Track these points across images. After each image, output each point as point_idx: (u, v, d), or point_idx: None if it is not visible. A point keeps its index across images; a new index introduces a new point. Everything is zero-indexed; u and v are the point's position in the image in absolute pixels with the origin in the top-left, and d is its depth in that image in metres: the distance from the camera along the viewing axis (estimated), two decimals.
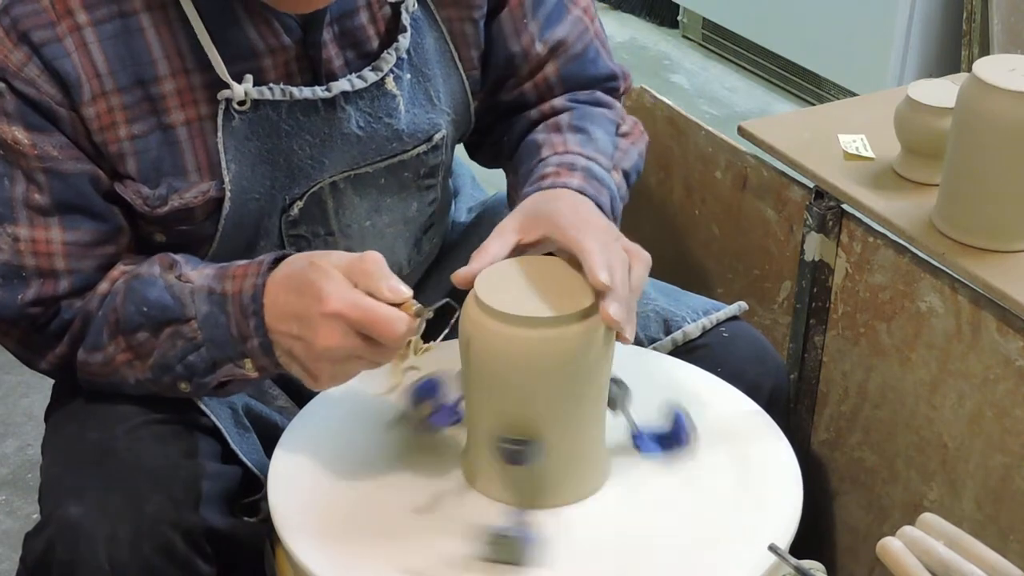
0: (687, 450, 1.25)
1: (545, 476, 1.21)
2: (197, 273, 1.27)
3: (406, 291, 1.16)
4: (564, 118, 1.45)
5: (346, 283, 1.16)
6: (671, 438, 1.25)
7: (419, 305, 1.17)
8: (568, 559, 1.18)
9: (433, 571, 1.17)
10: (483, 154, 1.58)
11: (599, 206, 1.32)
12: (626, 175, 1.44)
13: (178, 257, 1.29)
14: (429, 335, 1.27)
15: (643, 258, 1.25)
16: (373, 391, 1.35)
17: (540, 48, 1.47)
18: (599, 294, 1.16)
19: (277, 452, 1.30)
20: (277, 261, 1.23)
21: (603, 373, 1.21)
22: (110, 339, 1.29)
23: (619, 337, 1.18)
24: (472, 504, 1.23)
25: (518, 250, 1.25)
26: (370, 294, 1.15)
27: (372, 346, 1.16)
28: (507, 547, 1.15)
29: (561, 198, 1.29)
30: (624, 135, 1.48)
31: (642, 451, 1.26)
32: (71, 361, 1.33)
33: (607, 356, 1.20)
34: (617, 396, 1.26)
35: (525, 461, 1.18)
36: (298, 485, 1.26)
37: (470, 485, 1.25)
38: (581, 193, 1.32)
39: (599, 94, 1.50)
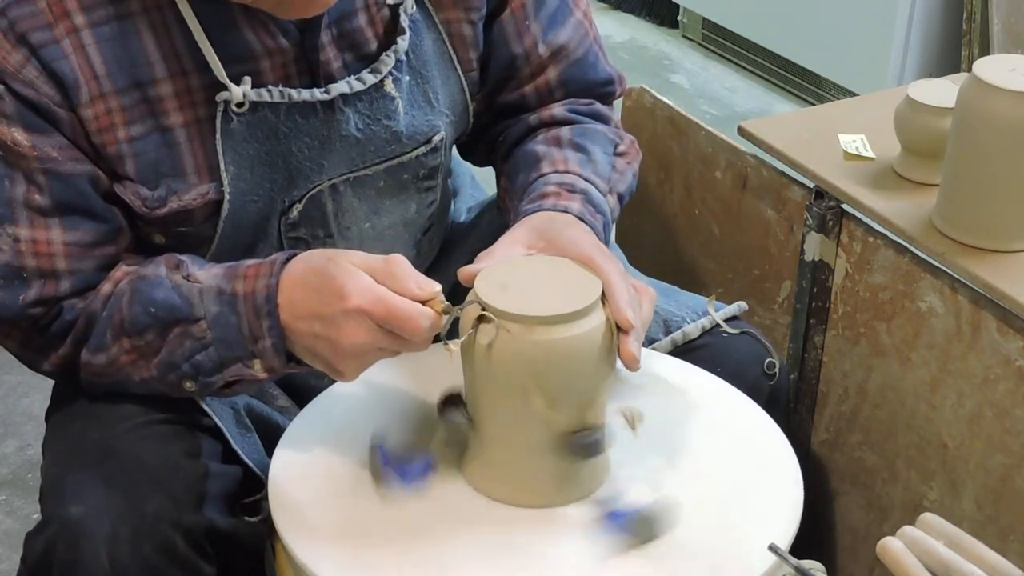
0: (648, 542, 1.19)
1: (595, 465, 1.23)
2: (205, 273, 1.27)
3: (435, 287, 1.17)
4: (565, 132, 1.45)
5: (368, 279, 1.17)
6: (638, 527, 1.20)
7: (447, 303, 1.17)
8: (568, 559, 1.18)
9: (432, 570, 1.17)
10: (477, 153, 1.59)
11: (595, 233, 1.33)
12: (620, 198, 1.45)
13: (183, 257, 1.30)
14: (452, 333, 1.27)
15: (651, 296, 1.27)
16: (375, 390, 1.35)
17: (543, 50, 1.47)
18: (621, 330, 1.18)
19: (278, 452, 1.30)
20: (289, 259, 1.24)
21: (613, 364, 1.22)
22: (114, 340, 1.29)
23: (629, 366, 1.20)
24: (472, 503, 1.24)
25: None
26: (398, 292, 1.16)
27: (397, 340, 1.17)
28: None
29: (573, 225, 1.30)
30: (621, 154, 1.48)
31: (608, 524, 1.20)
32: (74, 362, 1.33)
33: (613, 348, 1.21)
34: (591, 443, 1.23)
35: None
36: (299, 485, 1.26)
37: (487, 495, 1.24)
38: (580, 219, 1.33)
39: (598, 106, 1.51)
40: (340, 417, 1.33)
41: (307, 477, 1.27)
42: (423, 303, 1.16)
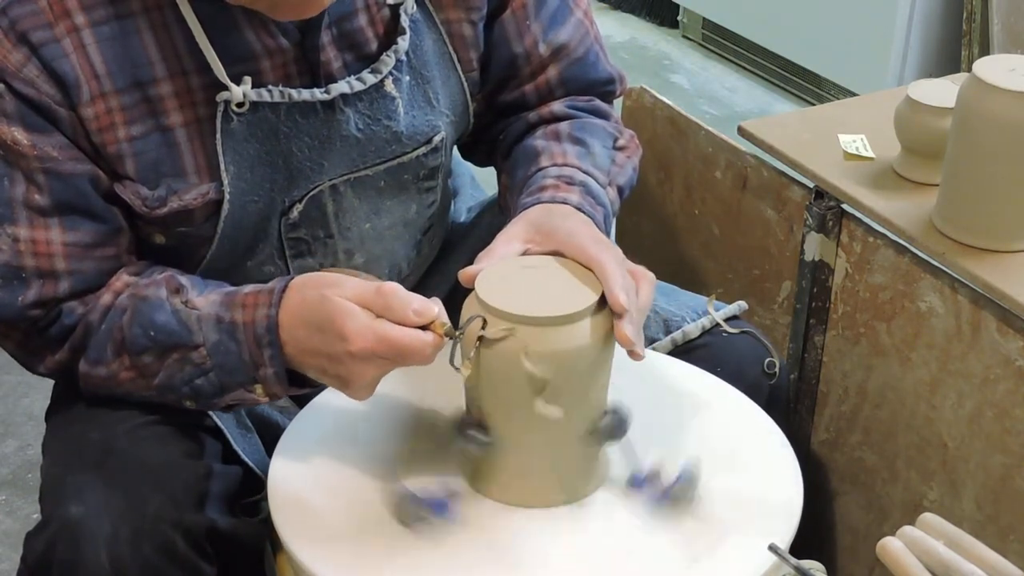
0: (678, 509, 1.22)
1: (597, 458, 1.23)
2: (203, 300, 1.27)
3: (433, 309, 1.17)
4: (564, 127, 1.46)
5: (366, 316, 1.17)
6: (666, 494, 1.23)
7: (448, 324, 1.17)
8: (568, 559, 1.18)
9: (432, 571, 1.17)
10: (478, 153, 1.59)
11: (595, 224, 1.33)
12: (620, 191, 1.45)
13: (184, 281, 1.29)
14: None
15: (649, 279, 1.27)
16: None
17: (543, 50, 1.47)
18: (615, 314, 1.17)
19: (278, 452, 1.30)
20: (285, 287, 1.24)
21: (609, 364, 1.21)
22: (115, 356, 1.29)
23: (632, 355, 1.19)
24: (471, 502, 1.24)
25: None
26: (396, 322, 1.16)
27: (403, 364, 1.18)
28: (412, 513, 1.19)
29: (570, 215, 1.30)
30: (620, 148, 1.48)
31: (634, 488, 1.24)
32: (70, 367, 1.33)
33: (610, 346, 1.20)
34: (613, 426, 1.23)
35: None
36: (298, 485, 1.26)
37: (483, 494, 1.24)
38: (579, 210, 1.32)
39: (598, 102, 1.51)
40: (340, 417, 1.33)
41: (307, 477, 1.27)
42: (424, 326, 1.16)
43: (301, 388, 1.27)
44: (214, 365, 1.25)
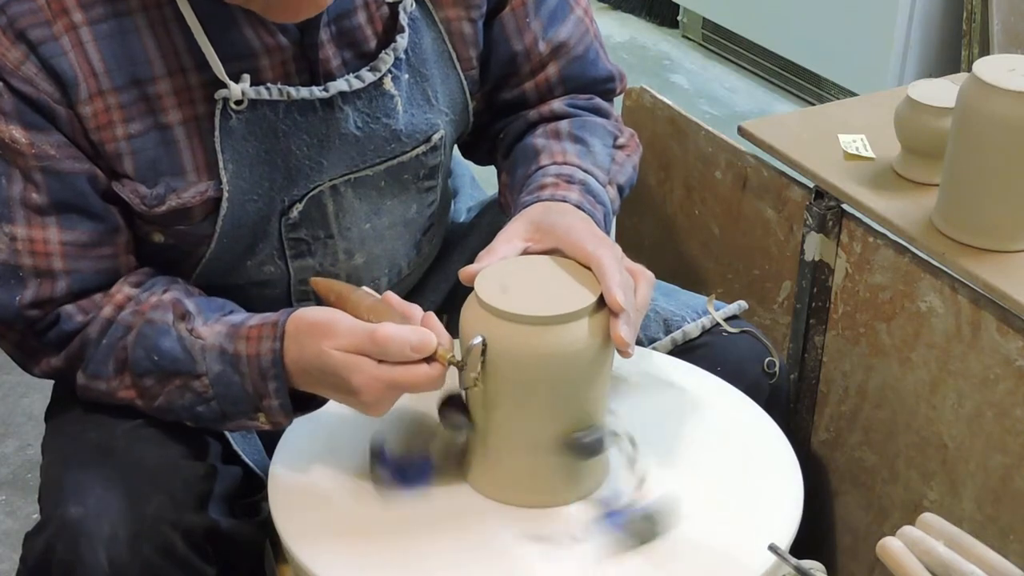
0: (632, 543, 1.19)
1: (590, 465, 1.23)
2: (208, 330, 1.27)
3: (431, 342, 1.17)
4: (564, 125, 1.46)
5: (369, 365, 1.17)
6: (622, 523, 1.20)
7: (452, 353, 1.17)
8: (568, 559, 1.18)
9: (432, 570, 1.17)
10: (478, 152, 1.59)
11: (595, 222, 1.33)
12: (620, 189, 1.45)
13: (190, 307, 1.29)
14: None
15: (648, 278, 1.27)
16: None
17: (543, 47, 1.47)
18: (612, 312, 1.17)
19: (278, 452, 1.30)
20: (286, 320, 1.24)
21: (609, 363, 1.21)
22: (116, 374, 1.29)
23: (621, 353, 1.19)
24: (472, 503, 1.23)
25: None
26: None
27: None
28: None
29: (569, 213, 1.30)
30: (621, 147, 1.48)
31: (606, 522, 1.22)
32: (65, 374, 1.33)
33: (609, 346, 1.20)
34: (589, 444, 1.22)
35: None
36: (298, 485, 1.26)
37: (491, 497, 1.24)
38: (579, 208, 1.32)
39: (598, 100, 1.51)
40: (340, 417, 1.33)
41: (307, 477, 1.27)
42: (428, 357, 1.17)
43: (305, 412, 1.28)
44: (216, 395, 1.26)
